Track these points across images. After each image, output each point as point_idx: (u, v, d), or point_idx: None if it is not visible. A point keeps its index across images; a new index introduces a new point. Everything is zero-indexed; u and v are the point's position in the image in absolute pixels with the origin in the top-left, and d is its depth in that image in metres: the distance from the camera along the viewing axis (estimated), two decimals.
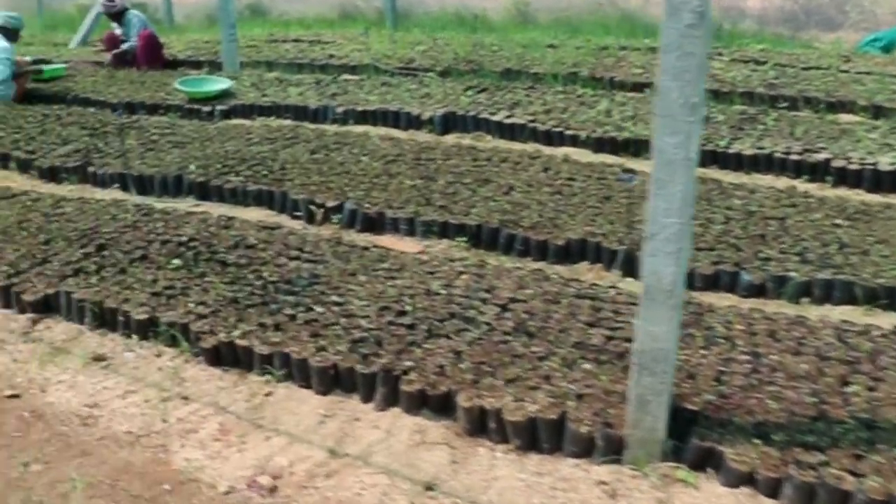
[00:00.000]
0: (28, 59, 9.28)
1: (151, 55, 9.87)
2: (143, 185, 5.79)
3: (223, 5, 8.71)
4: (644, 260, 2.59)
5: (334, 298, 3.89)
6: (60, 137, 6.84)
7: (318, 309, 3.79)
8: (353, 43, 10.70)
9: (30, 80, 8.75)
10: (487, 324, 3.65)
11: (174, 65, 10.15)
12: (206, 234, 4.67)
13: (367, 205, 5.08)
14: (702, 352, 3.37)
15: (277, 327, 3.66)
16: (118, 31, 10.10)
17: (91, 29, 13.30)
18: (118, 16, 9.92)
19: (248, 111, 7.59)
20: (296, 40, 11.39)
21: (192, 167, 5.76)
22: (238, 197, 5.47)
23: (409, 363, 3.34)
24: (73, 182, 6.09)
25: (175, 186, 5.69)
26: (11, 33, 8.51)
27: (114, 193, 5.82)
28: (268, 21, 14.70)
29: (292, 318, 3.73)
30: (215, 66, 9.75)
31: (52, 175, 6.21)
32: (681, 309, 2.63)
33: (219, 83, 8.06)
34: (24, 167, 6.41)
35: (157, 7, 15.58)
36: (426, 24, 12.59)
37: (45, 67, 9.25)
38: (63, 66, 9.68)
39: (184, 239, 4.57)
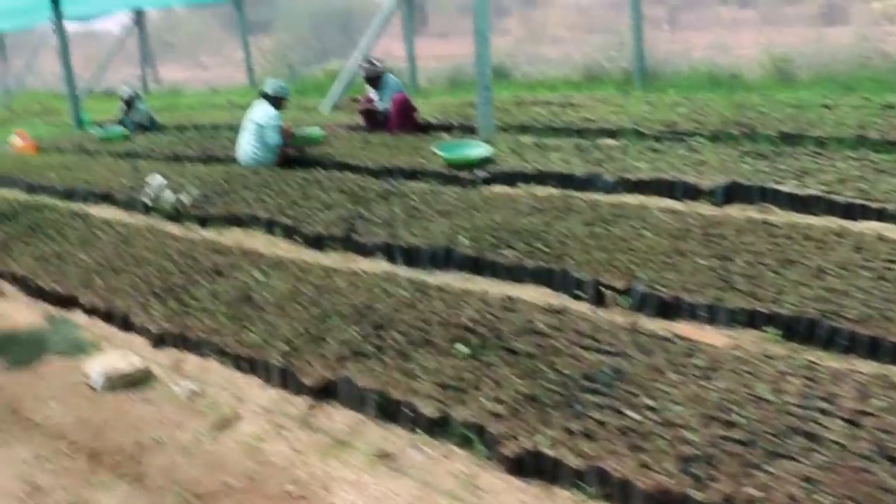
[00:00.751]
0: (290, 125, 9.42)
1: (404, 119, 9.82)
2: (411, 256, 5.50)
3: (479, 69, 8.47)
4: None
5: (647, 401, 3.34)
6: (322, 203, 6.73)
7: (631, 414, 3.25)
8: (606, 105, 10.24)
9: (293, 146, 8.86)
10: (837, 443, 2.98)
11: (426, 129, 10.06)
12: (489, 316, 4.25)
13: (659, 287, 4.51)
14: None
15: (587, 434, 3.15)
16: (373, 94, 10.12)
17: (341, 93, 13.62)
18: (376, 79, 9.95)
19: (510, 178, 7.24)
20: (546, 103, 11.08)
21: (463, 239, 5.40)
22: (513, 273, 5.05)
23: (752, 490, 2.73)
24: (336, 250, 5.90)
25: (444, 259, 5.36)
26: (278, 101, 8.65)
27: (380, 264, 5.57)
28: (511, 83, 14.55)
29: (602, 424, 3.21)
30: (467, 130, 9.56)
31: (316, 242, 6.06)
32: None
33: (478, 148, 7.78)
34: (289, 233, 6.32)
35: (401, 71, 15.85)
36: (678, 85, 11.94)
37: (303, 132, 9.38)
38: (320, 130, 9.80)
39: (466, 322, 4.17)
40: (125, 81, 21.85)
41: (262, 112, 8.53)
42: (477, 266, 5.23)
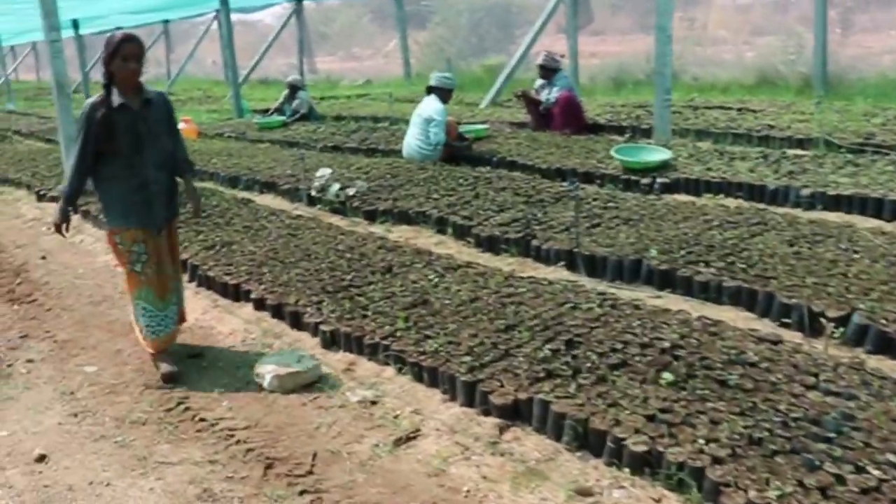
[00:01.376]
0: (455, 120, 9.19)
1: (571, 118, 9.47)
2: (595, 266, 5.16)
3: (659, 69, 8.04)
4: None
5: (889, 457, 2.89)
6: (495, 203, 6.46)
7: (873, 471, 2.82)
8: (789, 112, 9.60)
9: (459, 142, 8.64)
10: None
11: (594, 129, 9.67)
12: (693, 340, 3.86)
13: (882, 320, 4.01)
14: None
15: (823, 491, 2.74)
16: (543, 90, 9.78)
17: (501, 89, 13.35)
18: (551, 74, 9.60)
19: (693, 186, 6.79)
20: (721, 107, 10.50)
21: (654, 252, 5.02)
22: (709, 292, 4.63)
23: None
24: (513, 254, 5.62)
25: (632, 271, 4.99)
26: (445, 94, 8.44)
27: (560, 272, 5.25)
28: (679, 85, 13.92)
29: (840, 479, 2.79)
30: (639, 133, 9.14)
31: (490, 245, 5.79)
32: None
33: (658, 153, 7.35)
34: (462, 233, 6.07)
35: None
36: (866, 92, 11.10)
37: (468, 128, 9.15)
38: (485, 126, 9.56)
39: (666, 345, 3.80)
40: (291, 68, 22.31)
41: (428, 106, 8.33)
42: (667, 281, 4.84)
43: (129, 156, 4.10)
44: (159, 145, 4.20)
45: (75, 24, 21.03)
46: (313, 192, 7.31)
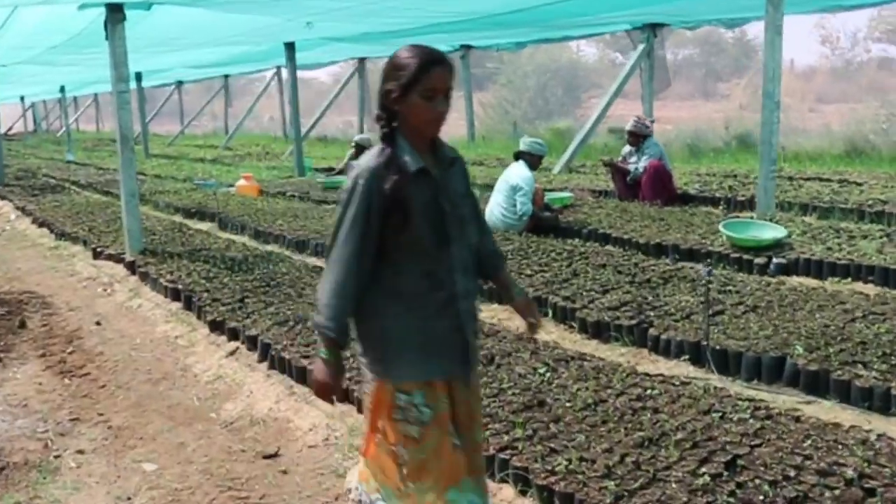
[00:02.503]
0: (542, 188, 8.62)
1: (660, 188, 8.88)
2: (727, 362, 4.50)
3: (766, 138, 7.45)
4: None
5: None
6: (597, 282, 5.86)
7: None
8: (886, 184, 8.93)
9: (547, 211, 8.08)
10: None
11: (684, 199, 9.07)
12: (883, 468, 3.19)
13: None
14: None
15: None
16: (630, 157, 9.21)
17: (575, 153, 12.83)
18: (640, 139, 9.05)
19: (814, 268, 6.12)
20: (815, 178, 9.84)
21: (799, 349, 4.36)
22: (872, 399, 3.95)
23: None
24: (625, 343, 4.98)
25: (772, 370, 4.33)
26: (535, 160, 7.91)
27: (683, 367, 4.61)
28: (753, 153, 13.28)
29: None
30: (734, 204, 8.54)
31: (597, 331, 5.16)
32: None
33: (771, 229, 6.70)
34: (562, 316, 5.46)
35: None
36: None
37: (552, 196, 8.60)
38: (570, 195, 9.02)
39: (851, 474, 3.13)
40: (349, 126, 21.99)
41: (516, 173, 7.81)
42: (817, 384, 4.16)
43: (428, 254, 2.50)
44: (466, 235, 2.61)
45: (138, 77, 21.03)
46: None
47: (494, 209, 7.93)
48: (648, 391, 4.03)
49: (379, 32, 14.63)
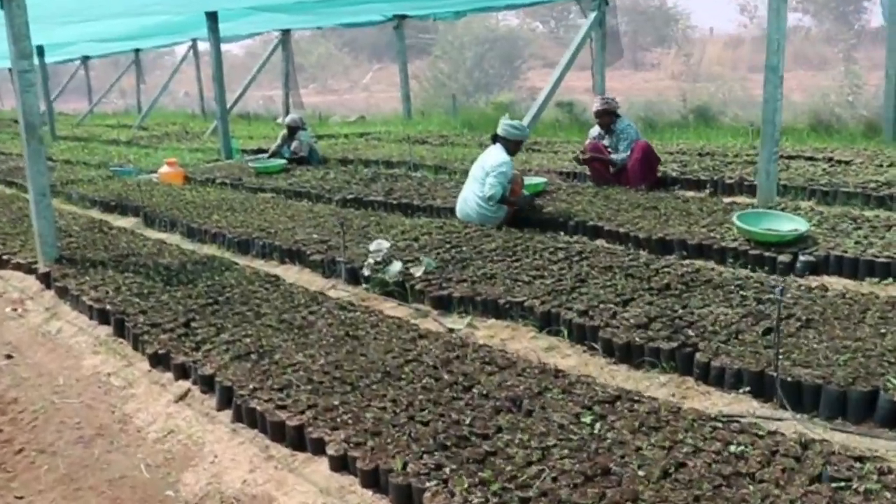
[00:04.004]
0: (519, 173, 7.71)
1: (648, 171, 8.09)
2: (799, 395, 3.71)
3: (768, 116, 6.68)
4: None
5: None
6: (611, 291, 5.01)
7: None
8: (881, 162, 8.32)
9: (522, 200, 7.20)
10: None
11: (664, 182, 8.31)
12: None
13: None
14: None
15: None
16: (600, 139, 8.39)
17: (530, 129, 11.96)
18: (610, 120, 8.23)
19: (848, 267, 5.40)
20: (797, 156, 9.18)
21: (894, 381, 3.58)
22: None
23: None
24: (663, 369, 4.15)
25: (860, 407, 3.55)
26: (512, 145, 7.01)
27: (745, 401, 3.80)
28: (715, 128, 12.64)
29: None
30: (722, 187, 7.85)
31: (625, 354, 4.32)
32: None
33: (790, 221, 5.95)
34: (580, 336, 4.60)
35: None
36: None
37: (527, 182, 7.73)
38: (543, 180, 8.17)
39: None
40: (269, 101, 20.80)
41: (493, 157, 6.91)
42: None
43: None
44: None
45: (40, 51, 19.36)
46: (366, 271, 5.74)
47: (469, 199, 7.03)
48: (732, 446, 3.19)
49: (309, 1, 13.58)
